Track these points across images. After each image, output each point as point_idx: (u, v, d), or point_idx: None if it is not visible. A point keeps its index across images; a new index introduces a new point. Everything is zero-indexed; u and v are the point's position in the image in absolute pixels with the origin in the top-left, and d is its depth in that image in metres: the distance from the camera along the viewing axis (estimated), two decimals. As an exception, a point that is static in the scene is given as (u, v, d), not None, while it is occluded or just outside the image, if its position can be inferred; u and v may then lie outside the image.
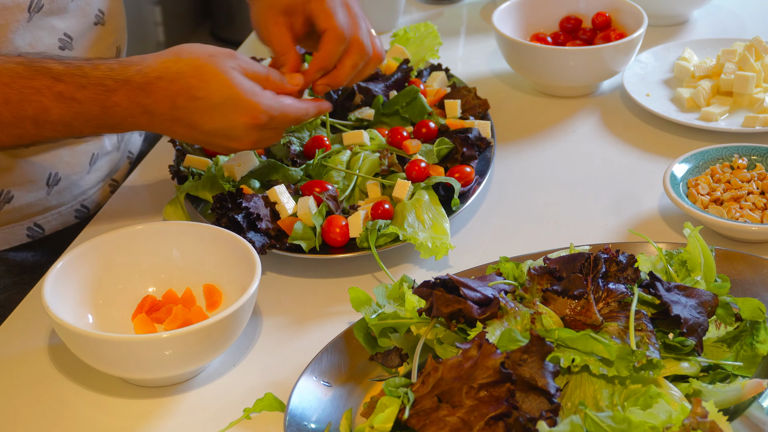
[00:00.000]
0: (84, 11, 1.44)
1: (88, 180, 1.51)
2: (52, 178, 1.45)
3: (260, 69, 1.27)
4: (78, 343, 1.12)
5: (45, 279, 1.17)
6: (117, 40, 1.53)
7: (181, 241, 1.26)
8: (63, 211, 1.49)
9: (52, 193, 1.47)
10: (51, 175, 1.45)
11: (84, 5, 1.43)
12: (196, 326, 1.10)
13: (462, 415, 0.94)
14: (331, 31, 1.33)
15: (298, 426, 1.04)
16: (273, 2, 1.35)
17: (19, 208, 1.44)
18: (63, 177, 1.47)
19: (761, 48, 1.64)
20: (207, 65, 1.22)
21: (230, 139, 1.26)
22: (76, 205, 1.51)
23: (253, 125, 1.24)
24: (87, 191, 1.52)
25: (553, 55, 1.64)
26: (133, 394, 1.17)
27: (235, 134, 1.25)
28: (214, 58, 1.22)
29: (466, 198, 1.39)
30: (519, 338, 1.00)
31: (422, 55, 1.70)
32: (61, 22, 1.40)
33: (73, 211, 1.51)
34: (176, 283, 1.26)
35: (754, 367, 1.06)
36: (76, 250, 1.22)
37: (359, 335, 1.12)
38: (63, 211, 1.49)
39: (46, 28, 1.38)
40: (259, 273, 1.17)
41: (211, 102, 1.22)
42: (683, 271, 1.15)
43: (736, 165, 1.41)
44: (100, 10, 1.47)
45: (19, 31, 1.34)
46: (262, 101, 1.24)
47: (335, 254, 1.30)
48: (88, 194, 1.52)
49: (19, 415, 1.15)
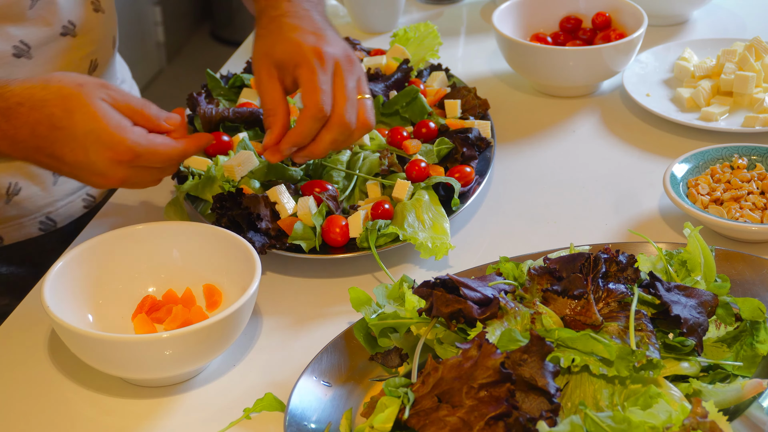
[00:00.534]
0: (46, 20, 1.40)
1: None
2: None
3: (134, 102, 1.20)
4: (78, 343, 1.12)
5: (44, 279, 1.17)
6: (93, 53, 1.48)
7: (181, 241, 1.26)
8: (72, 201, 1.50)
9: (59, 183, 1.48)
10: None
11: (46, 14, 1.39)
12: (196, 326, 1.10)
13: (462, 415, 0.94)
14: (309, 109, 1.26)
15: (298, 426, 1.04)
16: (268, 51, 1.30)
17: (28, 199, 1.45)
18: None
19: (761, 48, 1.64)
20: (74, 94, 1.16)
21: (95, 174, 1.19)
22: (83, 194, 1.52)
23: (117, 160, 1.17)
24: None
25: (553, 55, 1.64)
26: (133, 394, 1.17)
27: (99, 169, 1.17)
28: (83, 88, 1.17)
29: (466, 198, 1.39)
30: (519, 338, 1.00)
31: (422, 55, 1.70)
32: (17, 30, 1.37)
33: (81, 200, 1.52)
34: (176, 283, 1.26)
35: (754, 367, 1.06)
36: (76, 249, 1.22)
37: (359, 335, 1.13)
38: (72, 201, 1.50)
39: (1, 35, 1.36)
40: (259, 273, 1.17)
41: (73, 133, 1.16)
42: (683, 271, 1.15)
43: (736, 165, 1.41)
44: (70, 21, 1.43)
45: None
46: (129, 136, 1.17)
47: (335, 254, 1.30)
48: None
49: (19, 414, 1.15)
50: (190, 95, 1.54)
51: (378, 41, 1.89)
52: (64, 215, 1.50)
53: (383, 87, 1.57)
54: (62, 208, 1.49)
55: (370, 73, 1.60)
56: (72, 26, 1.43)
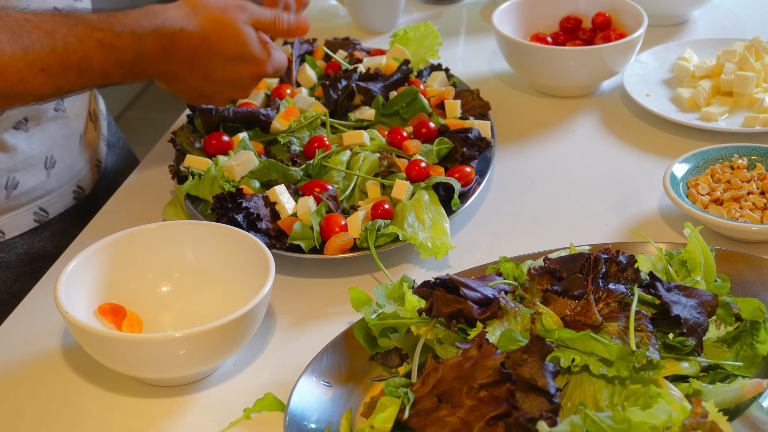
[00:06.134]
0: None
1: (79, 161, 1.55)
2: (49, 161, 1.48)
3: (268, 16, 1.38)
4: (93, 342, 1.13)
5: (58, 279, 1.17)
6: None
7: (194, 240, 1.26)
8: (63, 193, 1.52)
9: (52, 176, 1.49)
10: (48, 158, 1.48)
11: None
12: (209, 326, 1.10)
13: (462, 415, 0.94)
14: None
15: (298, 426, 1.04)
16: None
17: (25, 193, 1.46)
18: (58, 159, 1.50)
19: (761, 48, 1.64)
20: (222, 19, 1.32)
21: (237, 89, 1.39)
22: (73, 186, 1.54)
23: (258, 76, 1.38)
24: (80, 171, 1.55)
25: (553, 55, 1.64)
26: (139, 393, 1.17)
27: (243, 83, 1.38)
28: (227, 12, 1.33)
29: (466, 198, 1.39)
30: (519, 338, 1.00)
31: (422, 55, 1.70)
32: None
33: (71, 192, 1.53)
34: (189, 283, 1.26)
35: (754, 367, 1.06)
36: (89, 249, 1.22)
37: (359, 335, 1.12)
38: (63, 193, 1.52)
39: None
40: (273, 272, 1.17)
41: (226, 55, 1.33)
42: (683, 271, 1.15)
43: (736, 165, 1.41)
44: None
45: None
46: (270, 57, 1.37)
47: (335, 254, 1.30)
48: (81, 174, 1.55)
49: (29, 412, 1.15)
50: (190, 95, 1.54)
51: (378, 41, 1.89)
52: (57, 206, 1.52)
53: (383, 87, 1.57)
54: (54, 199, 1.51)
55: (370, 73, 1.60)
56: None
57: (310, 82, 1.63)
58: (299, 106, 1.54)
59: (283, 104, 1.54)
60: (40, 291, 1.33)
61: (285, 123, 1.50)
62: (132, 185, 1.54)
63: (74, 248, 1.40)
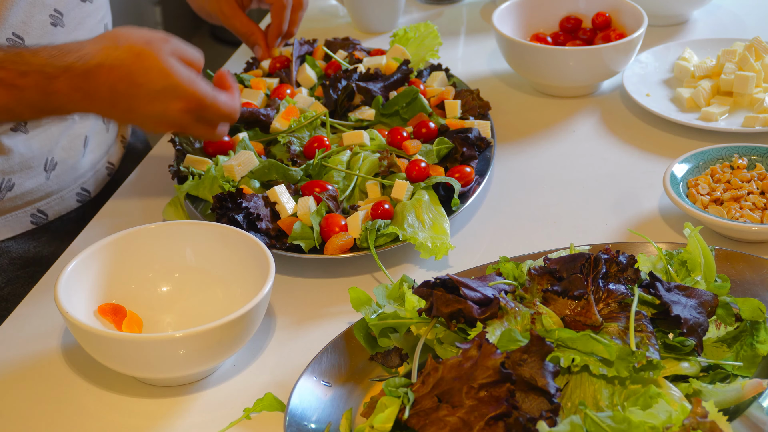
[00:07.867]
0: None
1: (84, 163, 1.54)
2: (49, 163, 1.47)
3: (194, 54, 1.31)
4: (93, 342, 1.13)
5: (58, 279, 1.17)
6: (104, 17, 1.55)
7: (194, 240, 1.26)
8: (64, 196, 1.51)
9: (52, 178, 1.48)
10: (48, 160, 1.47)
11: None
12: (209, 326, 1.10)
13: (462, 415, 0.94)
14: (277, 3, 1.62)
15: (298, 426, 1.04)
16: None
17: (21, 195, 1.45)
18: (59, 161, 1.49)
19: (761, 48, 1.64)
20: (146, 52, 1.25)
21: (163, 123, 1.29)
22: (77, 188, 1.53)
23: (187, 110, 1.27)
24: (85, 173, 1.54)
25: (553, 55, 1.64)
26: (139, 393, 1.17)
27: (170, 118, 1.28)
28: (151, 45, 1.26)
29: (466, 198, 1.39)
30: (519, 338, 1.00)
31: (422, 55, 1.70)
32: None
33: (75, 195, 1.53)
34: (189, 283, 1.26)
35: (754, 367, 1.06)
36: (89, 249, 1.22)
37: (359, 335, 1.12)
38: (64, 196, 1.51)
39: (37, 5, 1.39)
40: (273, 272, 1.17)
41: (150, 89, 1.25)
42: (683, 271, 1.15)
43: (736, 165, 1.41)
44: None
45: (14, 8, 1.36)
46: (198, 88, 1.27)
47: (335, 254, 1.30)
48: (87, 176, 1.54)
49: (30, 412, 1.15)
50: (190, 95, 1.54)
51: (378, 41, 1.89)
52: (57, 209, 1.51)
53: (383, 87, 1.57)
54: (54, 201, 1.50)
55: (370, 73, 1.60)
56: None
57: (310, 82, 1.63)
58: (299, 106, 1.54)
59: (283, 104, 1.54)
60: (39, 291, 1.33)
61: (285, 123, 1.50)
62: (132, 185, 1.54)
63: (74, 248, 1.40)
